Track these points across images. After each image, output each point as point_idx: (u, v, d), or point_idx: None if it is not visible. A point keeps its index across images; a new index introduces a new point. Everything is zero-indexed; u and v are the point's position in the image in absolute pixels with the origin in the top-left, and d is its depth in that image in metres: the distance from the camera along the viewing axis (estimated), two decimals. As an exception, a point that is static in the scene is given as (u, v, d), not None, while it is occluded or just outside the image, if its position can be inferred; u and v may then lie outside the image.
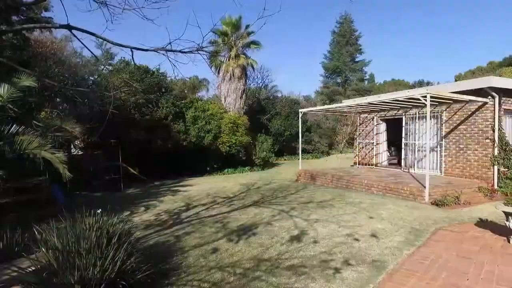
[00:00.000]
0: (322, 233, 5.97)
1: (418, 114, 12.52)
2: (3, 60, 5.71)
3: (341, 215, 7.30)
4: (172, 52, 4.78)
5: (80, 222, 4.10)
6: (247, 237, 5.96)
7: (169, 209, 9.21)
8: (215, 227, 6.86)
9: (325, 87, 46.68)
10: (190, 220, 7.66)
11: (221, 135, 17.84)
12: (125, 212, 9.17)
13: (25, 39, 10.37)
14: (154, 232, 6.81)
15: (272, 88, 33.96)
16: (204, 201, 10.19)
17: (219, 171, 18.84)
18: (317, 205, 8.63)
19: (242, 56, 23.25)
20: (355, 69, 45.68)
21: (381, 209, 7.81)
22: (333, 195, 10.03)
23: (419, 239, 5.44)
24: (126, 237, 4.17)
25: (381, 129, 15.13)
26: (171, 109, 16.51)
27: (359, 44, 45.95)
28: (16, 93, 7.21)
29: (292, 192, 11.05)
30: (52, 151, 6.81)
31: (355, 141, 16.61)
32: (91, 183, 13.64)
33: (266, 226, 6.69)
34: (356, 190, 10.94)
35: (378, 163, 15.19)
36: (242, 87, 22.96)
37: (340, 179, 12.00)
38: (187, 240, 6.03)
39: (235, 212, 8.21)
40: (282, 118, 28.62)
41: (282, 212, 7.96)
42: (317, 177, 13.34)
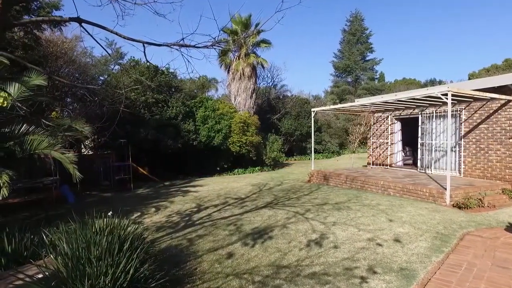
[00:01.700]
0: (341, 237, 5.68)
1: (435, 113, 12.11)
2: (14, 57, 5.56)
3: (359, 218, 6.99)
4: (186, 48, 4.56)
5: (90, 226, 3.88)
6: (263, 241, 5.71)
7: (180, 210, 9.01)
8: (228, 230, 6.62)
9: (335, 86, 46.15)
10: (203, 222, 7.43)
11: (231, 135, 17.62)
12: (135, 213, 9.01)
13: (36, 38, 10.30)
14: (166, 234, 6.60)
15: (281, 88, 33.66)
16: (215, 202, 9.97)
17: (229, 171, 18.64)
18: (333, 207, 8.32)
19: (252, 55, 23.02)
20: (366, 68, 45.04)
21: (401, 211, 7.48)
22: (348, 197, 9.71)
23: (446, 244, 5.11)
24: (139, 241, 3.95)
25: (396, 129, 14.73)
26: (181, 109, 16.36)
27: (370, 42, 45.31)
28: (26, 92, 7.10)
29: (305, 193, 10.76)
30: (62, 151, 6.67)
31: (369, 140, 16.22)
32: (101, 183, 13.55)
33: (282, 229, 6.42)
34: (371, 191, 10.60)
35: (393, 164, 14.78)
36: (252, 86, 22.74)
37: (354, 180, 11.66)
38: (200, 243, 5.80)
39: (248, 214, 7.96)
40: (292, 117, 28.32)
41: (297, 214, 7.68)
42: (330, 177, 13.01)
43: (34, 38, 10.05)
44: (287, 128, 27.72)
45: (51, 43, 12.58)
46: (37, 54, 10.92)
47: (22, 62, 6.00)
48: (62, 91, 13.54)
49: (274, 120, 27.97)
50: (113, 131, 14.83)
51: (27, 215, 9.60)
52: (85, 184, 13.49)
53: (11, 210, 10.21)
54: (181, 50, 4.53)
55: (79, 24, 3.52)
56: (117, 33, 3.82)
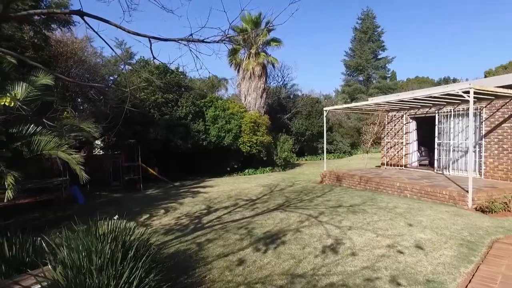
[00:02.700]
0: (359, 243, 5.36)
1: (453, 111, 11.63)
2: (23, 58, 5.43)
3: (376, 222, 6.64)
4: (194, 43, 4.31)
5: (94, 231, 3.66)
6: (275, 247, 5.43)
7: (189, 212, 8.80)
8: (239, 233, 6.36)
9: (347, 85, 45.50)
10: (212, 225, 7.20)
11: (242, 135, 17.37)
12: (144, 215, 8.84)
13: (45, 38, 10.23)
14: (175, 238, 6.38)
15: (292, 87, 33.30)
16: (225, 203, 9.73)
17: (240, 172, 18.40)
18: (348, 209, 7.99)
19: (263, 54, 22.74)
20: (378, 67, 44.26)
21: (420, 215, 7.10)
22: (363, 199, 9.34)
23: (474, 253, 4.74)
24: (144, 249, 3.71)
25: (411, 128, 14.26)
26: (191, 108, 16.18)
27: (382, 41, 44.50)
28: (34, 92, 6.98)
29: (318, 195, 10.44)
30: (69, 152, 6.51)
31: (382, 140, 15.76)
32: (111, 183, 13.47)
33: (295, 233, 6.13)
34: (387, 193, 10.21)
35: (408, 164, 14.31)
36: (263, 86, 22.45)
37: (369, 181, 11.28)
38: (210, 248, 5.56)
39: (259, 217, 7.69)
40: (303, 117, 27.94)
41: (310, 217, 7.37)
42: (344, 178, 12.64)
43: (44, 38, 9.97)
44: (297, 128, 27.36)
45: (61, 43, 12.54)
46: (46, 54, 10.85)
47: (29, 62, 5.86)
48: (73, 92, 13.50)
49: (285, 119, 27.64)
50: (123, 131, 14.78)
51: (37, 216, 9.53)
52: (95, 185, 13.44)
53: (22, 210, 10.17)
54: (189, 45, 4.29)
55: (81, 17, 3.31)
56: (122, 27, 3.59)
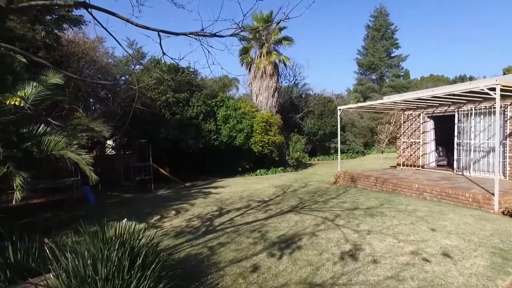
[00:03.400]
0: (379, 249, 5.05)
1: (474, 109, 11.14)
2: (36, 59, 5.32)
3: (396, 226, 6.31)
4: (206, 38, 4.09)
5: (101, 236, 3.47)
6: (291, 252, 5.16)
7: (201, 214, 8.60)
8: (252, 237, 6.12)
9: (359, 84, 44.74)
10: (224, 228, 6.97)
11: (254, 135, 17.14)
12: (155, 216, 8.68)
13: (57, 38, 10.19)
14: (186, 241, 6.18)
15: (303, 86, 32.91)
16: (237, 205, 9.51)
17: (251, 172, 18.18)
18: (365, 212, 7.66)
19: (274, 53, 22.46)
20: (391, 65, 43.34)
21: (443, 219, 6.73)
22: (380, 201, 8.99)
23: (510, 263, 4.38)
24: (154, 255, 3.50)
25: (428, 127, 13.77)
26: (202, 108, 16.03)
27: (395, 38, 43.53)
28: (44, 91, 6.88)
29: (333, 196, 10.11)
30: (79, 152, 6.38)
31: (398, 140, 15.31)
32: (122, 183, 13.41)
33: (311, 237, 5.85)
34: (405, 195, 9.82)
35: (425, 165, 13.84)
36: (274, 85, 22.17)
37: (385, 182, 10.90)
38: (222, 253, 5.33)
39: (273, 219, 7.43)
40: (315, 117, 27.54)
41: (326, 220, 7.08)
42: (358, 179, 12.26)
43: (55, 38, 9.93)
44: (310, 127, 26.98)
45: (72, 43, 12.53)
46: (58, 54, 10.83)
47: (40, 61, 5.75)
48: (84, 92, 13.50)
49: (297, 119, 27.29)
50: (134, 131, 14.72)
51: (49, 216, 9.49)
52: (106, 185, 13.40)
53: (35, 210, 10.15)
54: (201, 40, 4.06)
55: (86, 9, 3.11)
56: (130, 21, 3.39)
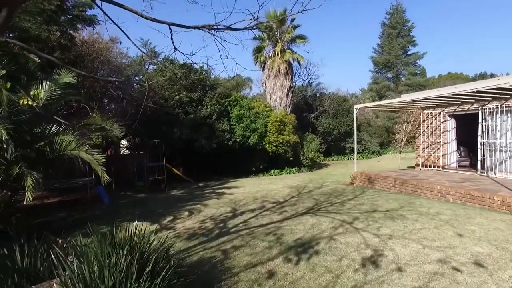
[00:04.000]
0: (403, 256, 4.73)
1: (500, 107, 10.60)
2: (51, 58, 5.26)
3: (419, 230, 5.96)
4: (219, 31, 3.88)
5: (109, 240, 3.30)
6: (308, 257, 4.91)
7: (214, 215, 8.42)
8: (267, 240, 5.88)
9: (375, 82, 43.88)
10: (238, 230, 6.76)
11: (268, 134, 16.90)
12: (167, 217, 8.55)
13: (71, 38, 10.20)
14: (199, 243, 5.99)
15: (318, 86, 32.46)
16: (252, 206, 9.29)
17: (265, 172, 17.95)
18: (385, 215, 7.32)
19: (288, 51, 22.18)
20: (408, 63, 42.31)
21: (470, 223, 6.33)
22: (399, 203, 8.62)
23: (549, 273, 4.01)
24: (164, 261, 3.31)
25: (449, 126, 13.23)
26: (216, 107, 15.89)
27: (412, 36, 42.46)
28: (57, 91, 6.84)
29: (349, 198, 9.78)
30: (91, 152, 6.29)
31: (417, 140, 14.80)
32: (135, 183, 13.39)
33: (329, 242, 5.58)
34: (425, 196, 9.41)
35: (446, 165, 13.30)
36: (288, 84, 21.88)
37: (404, 184, 10.49)
38: (237, 257, 5.11)
39: (288, 221, 7.18)
40: (330, 116, 27.09)
41: (344, 223, 6.78)
42: (376, 180, 11.87)
43: (69, 38, 9.94)
44: (324, 127, 26.55)
45: (87, 43, 12.56)
46: (73, 54, 10.85)
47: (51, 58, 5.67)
48: (99, 92, 13.53)
49: (311, 118, 26.91)
50: (148, 131, 14.70)
51: (63, 216, 9.49)
52: (120, 185, 13.41)
53: (50, 210, 10.19)
54: (214, 34, 3.85)
55: (93, 1, 2.94)
56: (139, 13, 3.21)
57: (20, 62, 7.08)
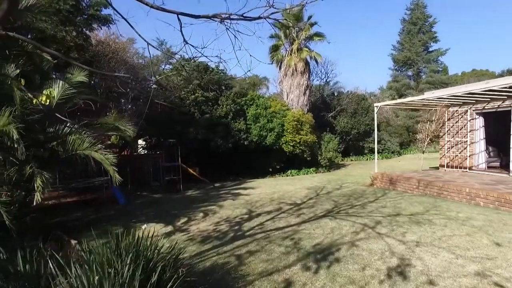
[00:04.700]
0: (434, 267, 4.32)
1: (535, 104, 9.89)
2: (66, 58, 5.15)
3: (449, 237, 5.50)
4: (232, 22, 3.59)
5: (113, 247, 3.08)
6: (328, 265, 4.56)
7: (229, 217, 8.17)
8: (284, 245, 5.57)
9: (395, 81, 42.68)
10: (254, 234, 6.47)
11: (284, 134, 16.56)
12: (182, 218, 8.36)
13: (86, 37, 10.19)
14: (212, 247, 5.74)
15: (335, 85, 31.85)
16: (268, 208, 8.99)
17: (282, 172, 17.61)
18: (409, 219, 6.86)
19: (305, 49, 21.78)
20: (430, 60, 40.93)
21: (507, 230, 5.79)
22: (425, 206, 8.11)
23: None
24: (173, 270, 3.05)
25: (477, 125, 12.50)
26: (231, 107, 15.67)
27: (434, 31, 41.04)
28: (69, 90, 6.74)
29: (370, 200, 9.33)
30: (103, 152, 6.15)
31: (441, 139, 14.10)
32: (151, 184, 13.32)
33: (351, 248, 5.21)
34: (452, 200, 8.84)
35: (473, 166, 12.58)
36: (305, 82, 21.47)
37: (429, 185, 9.93)
38: (252, 263, 4.82)
39: (306, 225, 6.84)
40: (348, 115, 26.46)
41: (366, 227, 6.38)
42: (398, 181, 11.34)
43: (84, 38, 9.93)
44: (343, 126, 25.95)
45: (103, 43, 12.58)
46: (89, 54, 10.85)
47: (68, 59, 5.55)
48: (115, 92, 13.55)
49: (329, 118, 26.36)
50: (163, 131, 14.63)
51: (79, 216, 9.47)
52: (136, 185, 13.38)
53: (68, 209, 10.21)
54: (226, 24, 3.57)
55: None
56: (144, 1, 2.96)
57: (35, 62, 7.03)
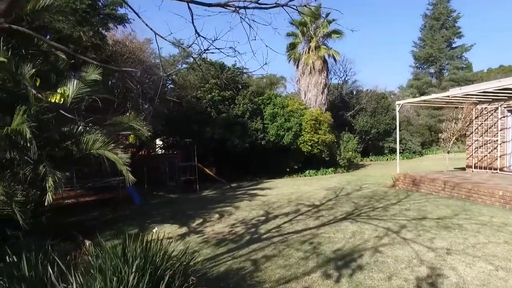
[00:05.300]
0: (470, 279, 3.91)
1: None
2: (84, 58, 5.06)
3: (485, 245, 5.04)
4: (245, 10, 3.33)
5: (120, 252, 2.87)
6: (351, 273, 4.24)
7: (245, 219, 7.93)
8: (303, 250, 5.27)
9: (416, 78, 41.33)
10: (271, 237, 6.20)
11: (302, 133, 16.21)
12: (197, 219, 8.19)
13: (102, 37, 10.18)
14: (227, 251, 5.51)
15: (354, 83, 31.12)
16: (285, 209, 8.69)
17: (300, 173, 17.26)
18: (437, 224, 6.41)
19: (323, 47, 21.30)
20: (453, 56, 39.37)
21: (548, 237, 5.30)
22: (453, 209, 7.61)
23: None
24: (182, 279, 2.82)
25: (509, 123, 11.76)
26: (248, 106, 15.46)
27: (458, 27, 39.45)
28: (84, 89, 6.67)
29: (393, 202, 8.89)
30: (116, 151, 6.02)
31: (468, 138, 13.41)
32: (167, 183, 13.27)
33: (374, 254, 4.86)
34: (484, 203, 8.27)
35: (505, 167, 11.85)
36: (324, 81, 21.00)
37: (456, 187, 9.37)
38: (268, 269, 4.55)
39: (326, 228, 6.51)
40: (368, 114, 25.77)
41: (390, 231, 6.00)
42: (422, 183, 10.80)
43: (100, 37, 9.92)
44: (362, 125, 25.28)
45: (119, 43, 12.60)
46: (105, 54, 10.86)
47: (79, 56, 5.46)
48: (131, 92, 13.56)
49: (348, 117, 25.75)
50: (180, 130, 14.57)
51: (96, 215, 9.48)
52: (152, 184, 13.35)
53: (84, 209, 10.24)
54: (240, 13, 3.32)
55: None
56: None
57: (50, 61, 7.01)
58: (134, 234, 3.49)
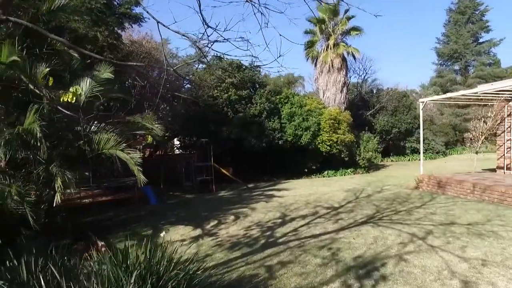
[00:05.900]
0: (509, 293, 3.50)
1: None
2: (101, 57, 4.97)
3: (525, 255, 4.57)
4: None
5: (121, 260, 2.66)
6: (373, 284, 3.88)
7: (261, 221, 7.66)
8: (321, 256, 4.94)
9: (439, 76, 39.86)
10: (287, 241, 5.90)
11: (321, 133, 15.78)
12: (212, 221, 7.98)
13: (117, 37, 10.16)
14: (241, 255, 5.25)
15: (373, 82, 30.26)
16: (303, 211, 8.36)
17: (318, 173, 16.83)
18: (467, 230, 5.92)
19: (342, 44, 20.75)
20: (480, 52, 37.64)
21: None
22: (484, 215, 7.07)
23: None
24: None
25: (544, 121, 11.01)
26: (265, 105, 15.18)
27: (486, 20, 37.66)
28: (96, 88, 6.58)
29: (417, 205, 8.39)
30: (128, 151, 5.89)
31: (498, 138, 12.64)
32: (183, 184, 13.17)
33: (399, 263, 4.47)
34: (518, 207, 7.67)
35: (540, 168, 11.09)
36: (343, 79, 20.45)
37: (487, 190, 8.76)
38: (283, 277, 4.26)
39: (345, 233, 6.14)
40: (389, 113, 24.98)
41: (415, 237, 5.57)
42: (448, 185, 10.20)
43: (116, 37, 9.89)
44: (382, 125, 24.52)
45: (136, 43, 12.60)
46: (121, 54, 10.84)
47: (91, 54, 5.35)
48: (149, 93, 13.56)
49: (368, 116, 25.03)
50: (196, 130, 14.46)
51: (111, 216, 9.44)
52: (169, 184, 13.28)
53: (100, 209, 10.23)
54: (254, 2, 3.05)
55: None
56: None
57: (65, 61, 6.97)
58: (146, 235, 3.26)
